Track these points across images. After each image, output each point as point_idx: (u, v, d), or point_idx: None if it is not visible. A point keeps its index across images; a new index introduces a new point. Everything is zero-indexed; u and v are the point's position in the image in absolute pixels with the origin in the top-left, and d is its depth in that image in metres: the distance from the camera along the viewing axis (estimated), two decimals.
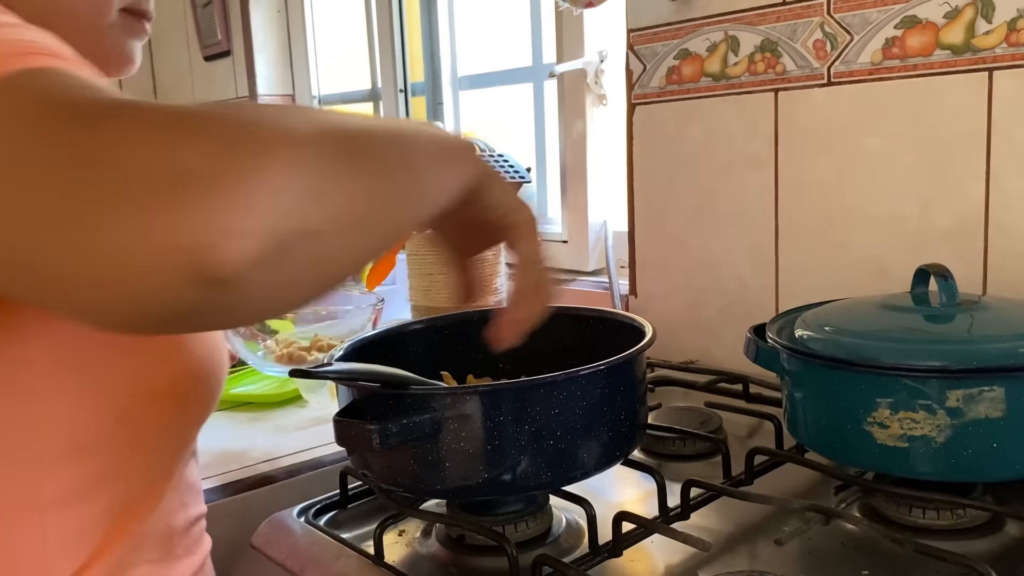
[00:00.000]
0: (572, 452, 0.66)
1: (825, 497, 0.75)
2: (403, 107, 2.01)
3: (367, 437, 0.60)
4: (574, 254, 1.53)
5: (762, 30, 1.09)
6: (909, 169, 0.98)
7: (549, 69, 1.47)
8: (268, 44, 2.28)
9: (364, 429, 0.61)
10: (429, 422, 0.62)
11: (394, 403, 0.64)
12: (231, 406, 1.17)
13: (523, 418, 0.64)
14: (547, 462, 0.65)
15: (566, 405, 0.65)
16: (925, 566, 0.62)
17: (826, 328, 0.75)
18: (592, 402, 0.66)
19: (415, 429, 0.62)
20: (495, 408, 0.64)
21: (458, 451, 0.64)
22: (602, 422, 0.67)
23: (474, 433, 0.63)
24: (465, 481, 0.65)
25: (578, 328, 0.85)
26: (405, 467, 0.66)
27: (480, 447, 0.64)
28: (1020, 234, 0.91)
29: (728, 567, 0.64)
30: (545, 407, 0.64)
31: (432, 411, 0.63)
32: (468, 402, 0.64)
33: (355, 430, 0.61)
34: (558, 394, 0.65)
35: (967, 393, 0.64)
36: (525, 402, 0.64)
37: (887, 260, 1.01)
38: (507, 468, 0.64)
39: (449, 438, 0.63)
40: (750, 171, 1.13)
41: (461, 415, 0.63)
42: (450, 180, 0.51)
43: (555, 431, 0.65)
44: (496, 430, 0.64)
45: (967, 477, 0.68)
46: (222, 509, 0.89)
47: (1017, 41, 0.88)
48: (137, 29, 0.66)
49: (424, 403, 0.63)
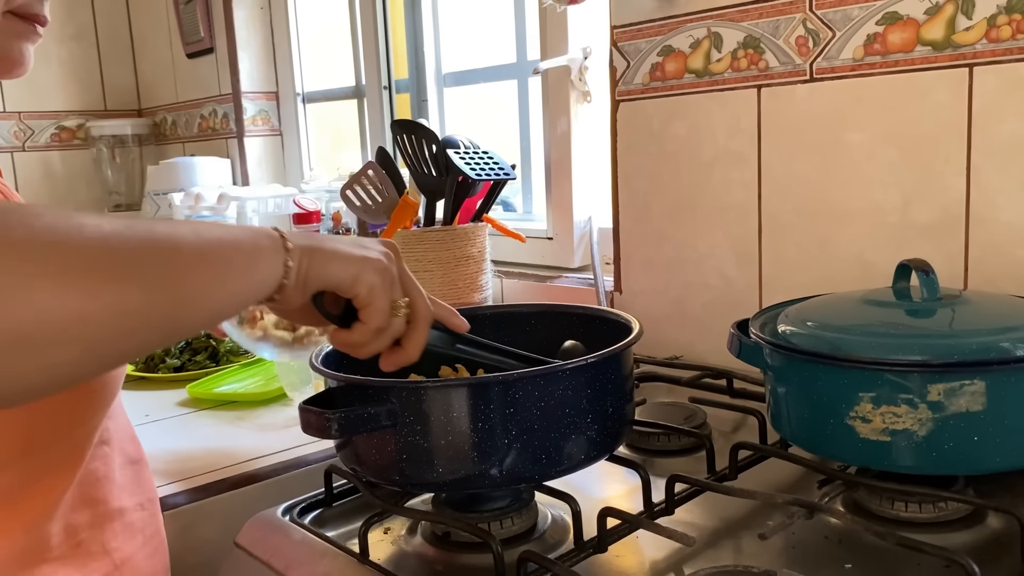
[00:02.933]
0: (558, 447, 0.66)
1: (808, 491, 0.75)
2: (387, 104, 2.01)
3: (325, 425, 0.62)
4: (559, 251, 1.53)
5: (745, 26, 1.10)
6: (891, 165, 0.99)
7: (533, 66, 1.47)
8: (251, 41, 2.27)
9: (323, 416, 0.62)
10: (386, 414, 0.64)
11: (358, 394, 0.66)
12: (215, 405, 1.17)
13: (508, 412, 0.64)
14: (533, 456, 0.65)
15: (552, 400, 0.65)
16: (907, 559, 0.63)
17: (808, 323, 0.75)
18: (580, 397, 0.66)
19: (371, 420, 0.63)
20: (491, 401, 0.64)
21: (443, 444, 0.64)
22: (590, 417, 0.67)
23: (456, 426, 0.64)
24: (451, 475, 0.65)
25: (565, 325, 0.85)
26: (392, 461, 0.66)
27: (460, 440, 0.64)
28: (1000, 229, 0.92)
29: (712, 562, 0.65)
30: (531, 401, 0.64)
31: (390, 403, 0.64)
32: (433, 397, 0.64)
33: (314, 417, 0.63)
34: (544, 389, 0.65)
35: (948, 387, 0.64)
36: (509, 396, 0.64)
37: (869, 255, 1.02)
38: (493, 462, 0.64)
39: (433, 432, 0.64)
40: (733, 167, 1.13)
41: (420, 410, 0.64)
42: (235, 287, 0.53)
43: (541, 425, 0.65)
44: (476, 424, 0.64)
45: (949, 470, 0.69)
46: (207, 508, 0.89)
47: (997, 37, 0.89)
48: (27, 32, 0.65)
49: (384, 396, 0.64)
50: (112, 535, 0.66)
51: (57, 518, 0.62)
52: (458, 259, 1.36)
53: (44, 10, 0.65)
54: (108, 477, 0.67)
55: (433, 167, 1.39)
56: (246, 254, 0.53)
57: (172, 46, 2.53)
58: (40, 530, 0.61)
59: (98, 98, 2.69)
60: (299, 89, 2.27)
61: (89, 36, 2.65)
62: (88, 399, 0.63)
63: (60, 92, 2.62)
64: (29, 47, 0.65)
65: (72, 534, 0.63)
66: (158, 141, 2.72)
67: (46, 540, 0.61)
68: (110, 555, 0.66)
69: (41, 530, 0.61)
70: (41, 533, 0.61)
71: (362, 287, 0.59)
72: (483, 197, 1.41)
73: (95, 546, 0.64)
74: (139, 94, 2.75)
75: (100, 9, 2.65)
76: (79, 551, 0.63)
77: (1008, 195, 0.91)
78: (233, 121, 2.32)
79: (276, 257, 0.55)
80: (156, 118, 2.71)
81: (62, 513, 0.62)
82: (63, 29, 2.58)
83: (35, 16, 0.65)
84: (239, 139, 2.31)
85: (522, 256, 1.57)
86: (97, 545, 0.65)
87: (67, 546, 0.63)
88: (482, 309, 0.90)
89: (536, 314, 0.88)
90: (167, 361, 1.32)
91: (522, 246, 1.49)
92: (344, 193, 1.43)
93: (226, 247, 0.52)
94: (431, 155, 1.39)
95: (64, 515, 0.62)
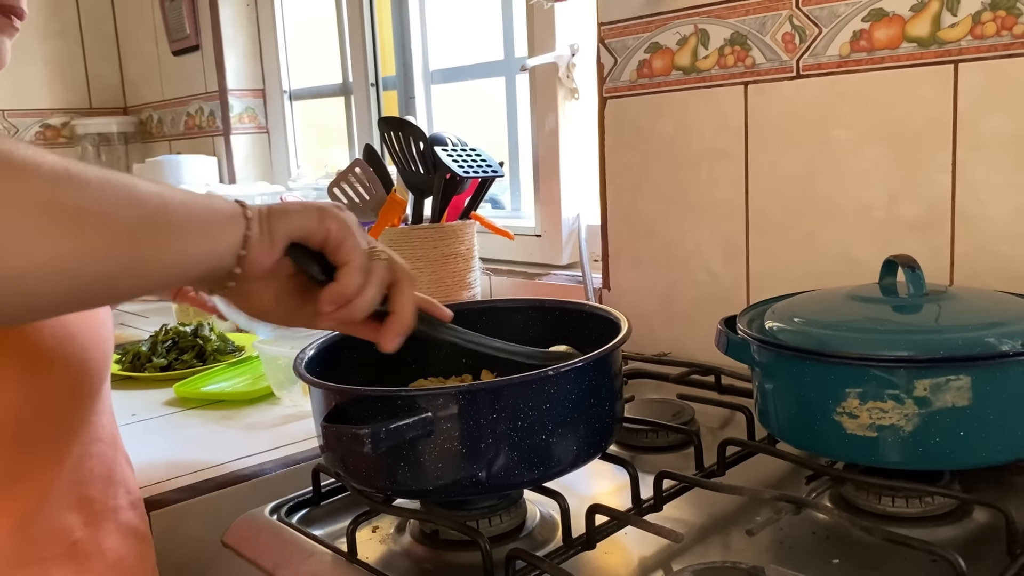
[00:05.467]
0: (551, 450, 0.66)
1: (796, 487, 0.75)
2: (375, 101, 2.00)
3: (359, 442, 0.59)
4: (548, 248, 1.53)
5: (731, 23, 1.10)
6: (877, 161, 0.99)
7: (521, 63, 1.47)
8: (238, 38, 2.26)
9: (356, 434, 0.59)
10: (421, 424, 0.61)
11: (381, 406, 0.64)
12: (202, 404, 1.16)
13: (508, 416, 0.63)
14: (529, 460, 0.65)
15: (545, 404, 0.64)
16: (894, 554, 0.63)
17: (796, 319, 0.75)
18: (571, 399, 0.66)
19: (407, 432, 0.61)
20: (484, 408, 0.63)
21: (444, 452, 0.63)
22: (582, 418, 0.67)
23: (462, 433, 0.63)
24: (446, 480, 0.64)
25: (553, 321, 0.85)
26: (384, 468, 0.65)
27: (465, 447, 0.63)
28: (986, 225, 0.92)
29: (701, 558, 0.65)
30: (529, 405, 0.64)
31: (423, 412, 0.62)
32: (458, 403, 0.63)
33: (346, 435, 0.60)
34: (535, 394, 0.64)
35: (934, 382, 0.65)
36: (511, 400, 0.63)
37: (856, 251, 1.02)
38: (488, 467, 0.64)
39: (440, 439, 0.63)
40: (721, 164, 1.14)
41: (450, 416, 0.62)
42: (197, 252, 0.54)
43: (534, 430, 0.64)
44: (481, 429, 0.63)
45: (935, 465, 0.69)
46: (194, 508, 0.88)
47: (982, 34, 0.89)
48: (3, 26, 0.64)
49: (413, 405, 0.62)
50: (106, 535, 0.66)
51: (50, 517, 0.62)
52: (446, 257, 1.36)
53: (21, 2, 0.63)
54: (102, 476, 0.67)
55: (421, 164, 1.39)
56: (204, 214, 0.54)
57: (158, 43, 2.52)
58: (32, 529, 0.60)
59: (83, 96, 2.67)
60: (286, 86, 2.27)
61: (74, 33, 2.63)
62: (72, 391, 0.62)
63: (45, 90, 2.60)
64: (6, 41, 0.64)
65: (67, 534, 0.63)
66: (144, 139, 2.71)
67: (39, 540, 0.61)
68: (104, 555, 0.65)
69: (33, 529, 0.60)
70: (33, 532, 0.60)
71: (331, 223, 0.59)
72: (471, 194, 1.41)
73: (90, 546, 0.64)
74: (124, 92, 2.74)
75: (85, 6, 2.64)
76: (75, 551, 0.63)
77: (993, 191, 0.91)
78: (219, 119, 2.31)
79: (236, 219, 0.56)
80: (142, 116, 2.70)
81: (55, 512, 0.62)
82: (47, 26, 2.57)
83: (11, 8, 0.63)
84: (226, 137, 2.30)
85: (510, 253, 1.57)
86: (92, 545, 0.64)
87: (62, 546, 0.62)
88: (469, 305, 0.89)
89: (523, 309, 0.88)
90: (154, 360, 1.31)
91: (510, 243, 1.49)
92: (331, 191, 1.42)
93: (190, 208, 0.53)
94: (419, 152, 1.39)
95: (58, 515, 0.62)
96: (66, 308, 0.52)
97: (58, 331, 0.60)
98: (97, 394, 0.66)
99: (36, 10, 2.51)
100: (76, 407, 0.64)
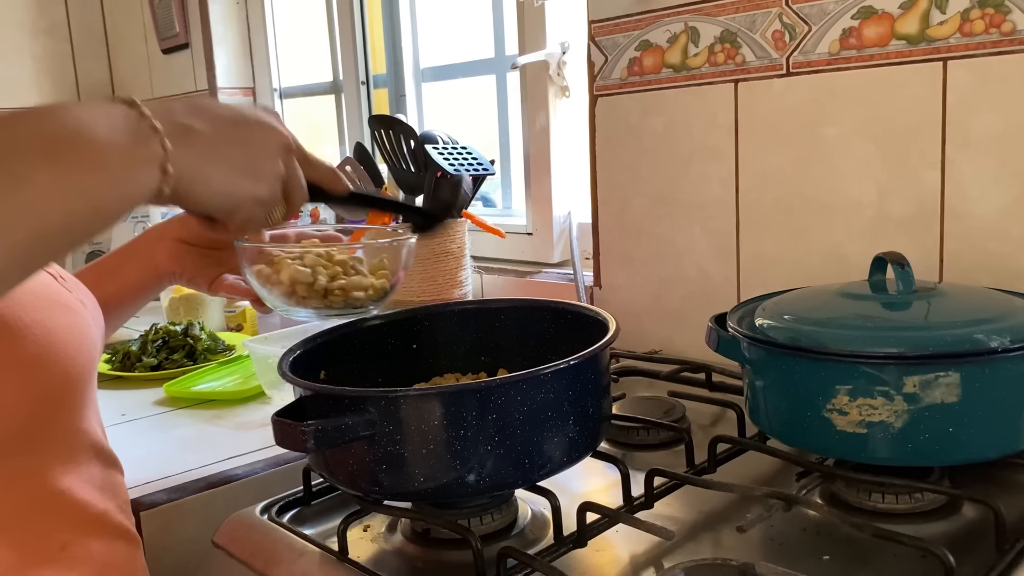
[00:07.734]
0: (539, 450, 0.66)
1: (787, 484, 0.76)
2: (365, 99, 2.00)
3: (301, 438, 0.60)
4: (539, 246, 1.53)
5: (722, 21, 1.10)
6: (866, 158, 0.99)
7: (511, 61, 1.47)
8: (227, 36, 2.25)
9: (298, 429, 0.60)
10: (364, 424, 0.62)
11: (334, 403, 0.64)
12: (193, 404, 1.16)
13: (489, 419, 0.63)
14: (515, 461, 0.65)
15: (532, 404, 0.64)
16: (884, 550, 0.63)
17: (786, 316, 0.75)
18: (558, 399, 0.66)
19: (350, 431, 0.61)
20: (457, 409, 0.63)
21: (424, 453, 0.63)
22: (570, 418, 0.67)
23: (437, 435, 0.63)
24: (429, 483, 0.64)
25: (540, 320, 0.85)
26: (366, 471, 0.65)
27: (441, 449, 0.63)
28: (975, 221, 0.93)
29: (692, 555, 0.65)
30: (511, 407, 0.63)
31: (368, 413, 0.62)
32: (413, 406, 0.63)
33: (289, 429, 0.61)
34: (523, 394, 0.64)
35: (923, 379, 0.65)
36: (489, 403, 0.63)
37: (846, 248, 1.02)
38: (473, 469, 0.63)
39: (412, 440, 0.63)
40: (711, 162, 1.14)
41: (401, 419, 0.62)
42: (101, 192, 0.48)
43: (523, 430, 0.64)
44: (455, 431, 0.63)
45: (924, 461, 0.70)
46: (185, 508, 0.88)
47: (970, 31, 0.90)
48: None
49: (360, 405, 0.62)
50: (95, 539, 0.66)
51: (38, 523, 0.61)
52: (437, 255, 1.36)
53: None
54: (89, 482, 0.66)
55: (412, 163, 1.39)
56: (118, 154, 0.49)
57: (147, 41, 2.51)
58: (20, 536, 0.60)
59: (72, 94, 2.65)
60: (276, 84, 2.26)
61: (62, 31, 2.62)
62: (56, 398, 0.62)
63: (33, 88, 2.59)
64: None
65: (55, 540, 0.62)
66: None
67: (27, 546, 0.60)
68: (93, 559, 0.65)
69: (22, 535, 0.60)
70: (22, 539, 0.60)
71: (239, 217, 0.58)
72: None
73: (78, 550, 0.64)
74: (114, 90, 2.72)
75: (73, 4, 2.62)
76: (63, 556, 0.62)
77: (982, 188, 0.92)
78: None
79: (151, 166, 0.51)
80: None
81: (43, 518, 0.62)
82: (36, 24, 2.55)
83: None
84: None
85: (502, 252, 1.57)
86: (80, 549, 0.64)
87: (51, 551, 0.62)
88: (453, 305, 0.89)
89: (510, 309, 0.87)
90: (144, 360, 1.30)
91: (502, 242, 1.49)
92: None
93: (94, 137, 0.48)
94: (409, 150, 1.39)
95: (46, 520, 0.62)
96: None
97: (42, 338, 0.59)
98: (83, 400, 0.65)
99: (24, 8, 2.49)
100: (61, 413, 0.63)
